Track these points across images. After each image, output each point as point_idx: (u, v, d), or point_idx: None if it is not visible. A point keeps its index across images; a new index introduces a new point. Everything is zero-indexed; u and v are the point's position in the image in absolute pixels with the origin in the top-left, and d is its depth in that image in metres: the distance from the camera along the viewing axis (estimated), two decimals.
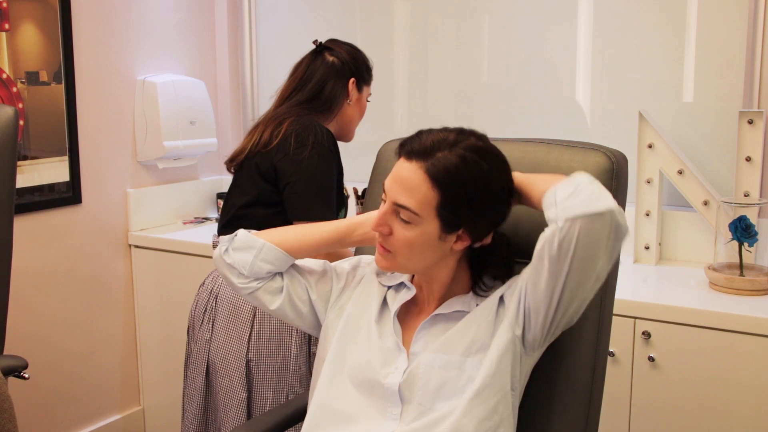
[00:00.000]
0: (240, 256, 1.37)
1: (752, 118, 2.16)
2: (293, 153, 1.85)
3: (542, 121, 2.59)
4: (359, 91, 2.03)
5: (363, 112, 2.08)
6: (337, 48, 2.02)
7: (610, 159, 1.37)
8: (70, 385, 2.67)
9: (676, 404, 1.89)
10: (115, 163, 2.75)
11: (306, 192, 1.86)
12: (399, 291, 1.37)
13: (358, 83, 2.02)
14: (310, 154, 1.85)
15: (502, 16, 2.67)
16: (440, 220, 1.21)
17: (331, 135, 1.92)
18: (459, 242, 1.25)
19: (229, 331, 1.91)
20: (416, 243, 1.22)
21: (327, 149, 1.88)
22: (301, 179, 1.85)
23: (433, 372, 1.24)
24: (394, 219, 1.23)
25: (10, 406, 1.47)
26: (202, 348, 1.95)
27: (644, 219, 2.29)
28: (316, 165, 1.85)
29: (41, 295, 2.55)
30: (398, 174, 1.23)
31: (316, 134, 1.87)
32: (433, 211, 1.20)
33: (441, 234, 1.22)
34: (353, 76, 2.00)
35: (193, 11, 3.01)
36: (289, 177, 1.86)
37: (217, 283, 1.95)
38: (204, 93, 2.93)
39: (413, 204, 1.20)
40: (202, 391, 1.95)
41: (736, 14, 2.24)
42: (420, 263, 1.27)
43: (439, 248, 1.25)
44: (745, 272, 2.03)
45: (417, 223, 1.21)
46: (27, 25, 2.43)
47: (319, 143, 1.86)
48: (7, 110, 1.81)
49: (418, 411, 1.23)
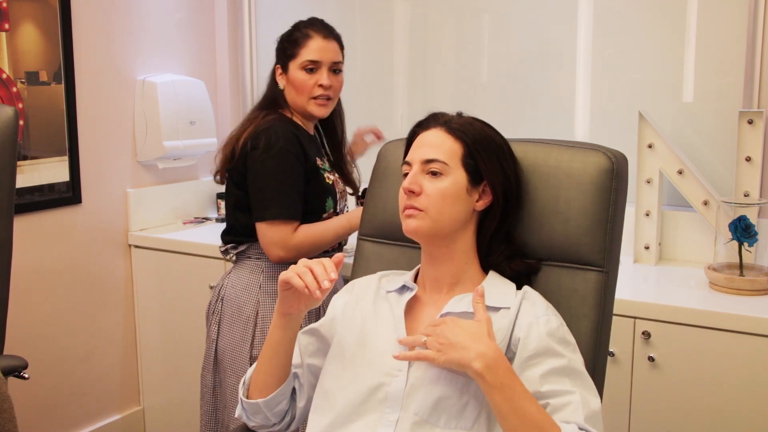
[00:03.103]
0: (258, 419, 1.41)
1: (752, 118, 2.16)
2: (249, 157, 1.90)
3: (542, 121, 2.59)
4: (286, 72, 1.98)
5: (301, 87, 1.96)
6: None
7: (610, 159, 1.37)
8: (70, 385, 2.67)
9: (676, 404, 1.89)
10: (115, 163, 2.75)
11: (259, 193, 1.90)
12: (402, 293, 1.38)
13: (282, 66, 1.99)
14: (261, 156, 1.88)
15: (502, 16, 2.67)
16: (466, 171, 1.31)
17: (287, 131, 1.91)
18: (482, 200, 1.33)
19: (233, 330, 1.95)
20: (448, 193, 1.29)
21: (280, 147, 1.87)
22: (255, 181, 1.90)
23: (437, 387, 1.24)
24: (423, 177, 1.31)
25: (10, 406, 1.47)
26: (209, 348, 2.01)
27: (644, 219, 2.29)
28: (267, 165, 1.88)
29: (41, 295, 2.55)
30: (422, 140, 1.34)
31: (268, 135, 1.88)
32: (460, 161, 1.31)
33: (468, 186, 1.31)
34: (277, 64, 2.01)
35: (193, 11, 3.01)
36: (249, 181, 1.91)
37: (223, 284, 2.01)
38: (204, 93, 2.93)
39: (442, 155, 1.30)
40: (212, 390, 2.01)
41: (736, 14, 2.24)
42: (450, 217, 1.31)
43: (467, 203, 1.32)
44: (745, 272, 2.03)
45: (447, 173, 1.30)
46: (27, 25, 2.43)
47: (270, 144, 1.87)
48: (7, 110, 1.81)
49: (413, 420, 1.23)
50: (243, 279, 1.98)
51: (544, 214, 1.39)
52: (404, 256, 1.54)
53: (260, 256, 1.97)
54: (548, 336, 1.23)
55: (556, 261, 1.39)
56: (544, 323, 1.25)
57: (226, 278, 2.02)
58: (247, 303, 1.95)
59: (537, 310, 1.27)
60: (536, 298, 1.31)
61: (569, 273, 1.38)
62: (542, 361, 1.21)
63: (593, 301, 1.36)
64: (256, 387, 1.39)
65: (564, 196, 1.38)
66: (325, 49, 1.96)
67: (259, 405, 1.37)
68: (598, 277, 1.36)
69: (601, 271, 1.36)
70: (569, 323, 1.34)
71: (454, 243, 1.33)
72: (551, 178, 1.39)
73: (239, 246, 2.00)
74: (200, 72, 3.03)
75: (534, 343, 1.22)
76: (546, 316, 1.26)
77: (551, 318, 1.26)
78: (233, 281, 1.99)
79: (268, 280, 1.96)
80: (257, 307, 1.94)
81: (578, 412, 1.17)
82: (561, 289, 1.38)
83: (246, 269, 1.98)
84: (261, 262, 1.97)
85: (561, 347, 1.23)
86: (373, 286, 1.42)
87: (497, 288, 1.33)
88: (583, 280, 1.37)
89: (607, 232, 1.36)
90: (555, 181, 1.39)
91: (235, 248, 2.01)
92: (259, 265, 1.97)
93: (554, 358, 1.21)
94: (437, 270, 1.35)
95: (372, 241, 1.61)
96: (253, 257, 1.98)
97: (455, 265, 1.34)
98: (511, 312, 1.28)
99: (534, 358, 1.22)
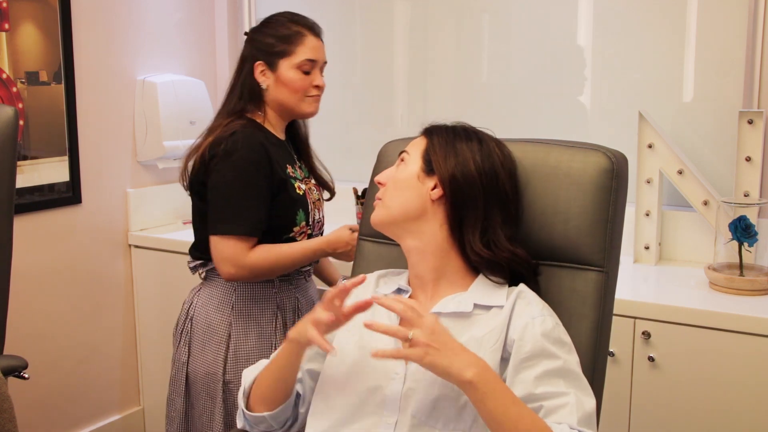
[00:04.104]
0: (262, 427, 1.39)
1: (752, 118, 2.16)
2: (209, 166, 1.77)
3: (542, 121, 2.59)
4: (273, 70, 1.83)
5: (296, 87, 1.83)
6: (250, 33, 1.89)
7: (610, 159, 1.37)
8: (70, 385, 2.67)
9: (676, 404, 1.89)
10: (115, 163, 2.75)
11: (214, 205, 1.77)
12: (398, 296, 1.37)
13: (269, 63, 1.83)
14: (218, 165, 1.75)
15: (502, 16, 2.67)
16: (423, 161, 1.35)
17: (254, 140, 1.77)
18: (435, 190, 1.33)
19: (206, 352, 1.85)
20: (399, 178, 1.36)
21: (240, 156, 1.74)
22: (211, 192, 1.77)
23: (433, 388, 1.23)
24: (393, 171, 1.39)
25: (10, 406, 1.47)
26: (180, 370, 1.89)
27: (644, 219, 2.29)
28: (225, 175, 1.75)
29: (41, 295, 2.55)
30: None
31: (227, 145, 1.74)
32: (420, 153, 1.36)
33: (421, 173, 1.34)
34: (258, 60, 1.83)
35: (193, 11, 3.01)
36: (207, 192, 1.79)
37: (193, 303, 1.90)
38: (204, 93, 2.93)
39: (410, 146, 1.39)
40: (183, 414, 1.90)
41: (736, 14, 2.24)
42: (400, 204, 1.34)
43: (418, 190, 1.34)
44: (745, 272, 2.03)
45: (407, 162, 1.37)
46: (27, 25, 2.43)
47: (228, 151, 1.74)
48: (7, 110, 1.81)
49: (412, 423, 1.23)
50: (214, 299, 1.86)
51: (544, 214, 1.39)
52: (403, 256, 1.54)
53: None
54: (543, 337, 1.23)
55: (556, 261, 1.39)
56: (539, 324, 1.24)
57: (195, 296, 1.90)
58: (220, 324, 1.83)
59: (532, 311, 1.26)
60: (532, 298, 1.30)
61: (569, 273, 1.38)
62: (537, 362, 1.21)
63: (593, 302, 1.35)
64: (260, 400, 1.37)
65: (564, 196, 1.38)
66: (319, 48, 1.85)
67: (265, 417, 1.36)
68: (598, 277, 1.36)
69: (601, 271, 1.36)
70: (569, 323, 1.34)
71: (420, 234, 1.33)
72: (551, 178, 1.39)
73: (209, 263, 1.86)
74: (200, 72, 3.03)
75: (529, 345, 1.22)
76: (541, 317, 1.25)
77: (546, 318, 1.26)
78: (203, 300, 1.87)
79: (241, 299, 1.84)
80: (229, 329, 1.83)
81: (572, 414, 1.16)
82: (561, 289, 1.38)
83: (217, 288, 1.86)
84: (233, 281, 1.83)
85: (556, 348, 1.23)
86: (371, 288, 1.42)
87: (487, 287, 1.32)
88: (583, 280, 1.37)
89: (607, 232, 1.36)
90: (555, 181, 1.39)
91: (205, 265, 1.88)
92: (232, 284, 1.84)
93: (549, 360, 1.21)
94: (416, 268, 1.35)
95: (372, 241, 1.61)
96: None
97: (432, 260, 1.33)
98: (505, 311, 1.27)
99: (529, 360, 1.21)
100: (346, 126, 2.98)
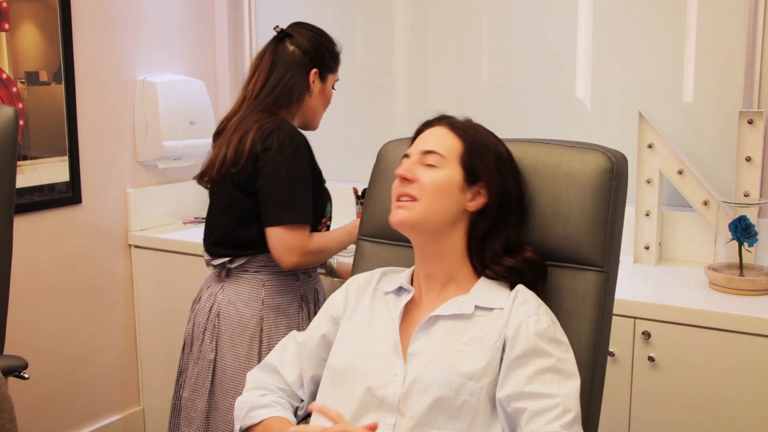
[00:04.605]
0: None
1: (752, 118, 2.16)
2: (261, 160, 1.79)
3: (542, 121, 2.59)
4: (323, 81, 1.95)
5: (328, 101, 2.00)
6: (299, 35, 1.93)
7: (610, 159, 1.37)
8: (70, 385, 2.67)
9: (676, 404, 1.89)
10: (115, 163, 2.75)
11: (275, 197, 1.80)
12: (400, 295, 1.37)
13: (321, 73, 1.93)
14: (275, 158, 1.78)
15: (502, 16, 2.67)
16: (463, 169, 1.31)
17: (298, 133, 1.84)
18: (474, 201, 1.32)
19: (237, 349, 1.87)
20: (441, 184, 1.30)
21: (293, 149, 1.80)
22: (269, 185, 1.80)
23: (432, 388, 1.24)
24: (420, 167, 1.31)
25: (10, 406, 1.47)
26: (205, 368, 1.90)
27: (644, 219, 2.29)
28: (282, 167, 1.79)
29: (41, 295, 2.55)
30: (424, 135, 1.36)
31: (279, 137, 1.79)
32: (458, 158, 1.31)
33: (463, 184, 1.31)
34: (315, 67, 1.92)
35: (193, 11, 3.01)
36: (260, 184, 1.81)
37: (218, 300, 1.91)
38: (204, 93, 2.93)
39: (441, 148, 1.32)
40: (205, 414, 1.90)
41: (736, 14, 2.24)
42: (438, 211, 1.30)
43: (458, 201, 1.31)
44: (745, 272, 2.03)
45: (443, 165, 1.30)
46: (27, 25, 2.43)
47: (282, 145, 1.79)
48: (7, 110, 1.81)
49: (411, 424, 1.23)
50: (242, 294, 1.89)
51: (543, 214, 1.39)
52: (403, 256, 1.54)
53: (259, 269, 1.89)
54: (537, 336, 1.23)
55: (556, 261, 1.39)
56: (533, 323, 1.24)
57: (220, 293, 1.91)
58: (251, 320, 1.86)
59: (528, 310, 1.27)
60: (528, 297, 1.30)
61: (569, 273, 1.38)
62: (529, 361, 1.22)
63: (593, 301, 1.36)
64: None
65: (564, 196, 1.38)
66: None
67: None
68: (597, 278, 1.36)
69: (601, 271, 1.36)
70: (569, 323, 1.34)
71: (444, 240, 1.33)
72: (551, 178, 1.39)
73: (236, 259, 1.89)
74: (200, 72, 3.03)
75: (522, 344, 1.23)
76: (536, 316, 1.26)
77: (541, 318, 1.26)
78: (230, 297, 1.89)
79: (270, 294, 1.89)
80: (261, 323, 1.87)
81: (554, 422, 1.17)
82: (561, 289, 1.38)
83: (244, 284, 1.89)
84: (261, 275, 1.89)
85: (551, 347, 1.23)
86: (372, 286, 1.42)
87: (489, 289, 1.33)
88: (583, 280, 1.37)
89: (607, 232, 1.36)
90: (555, 181, 1.39)
91: (231, 262, 1.90)
92: (258, 279, 1.89)
93: (542, 358, 1.22)
94: (429, 267, 1.35)
95: (371, 241, 1.61)
96: (251, 270, 1.89)
97: (446, 264, 1.34)
98: (505, 312, 1.28)
99: (521, 358, 1.22)
100: (346, 126, 2.98)
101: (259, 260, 1.89)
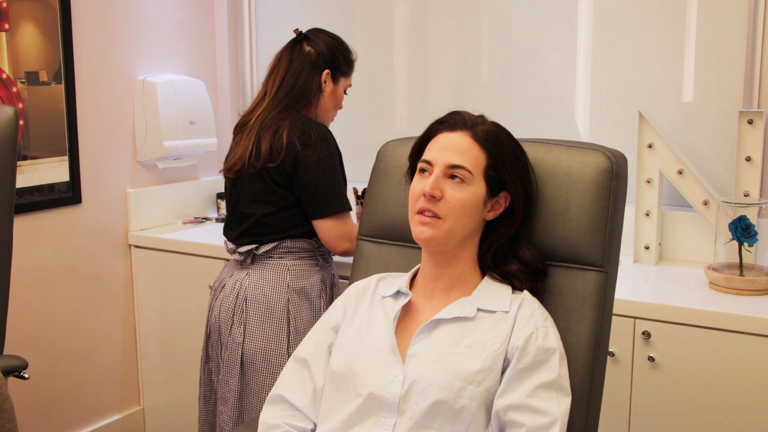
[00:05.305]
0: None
1: (752, 118, 2.16)
2: (302, 156, 1.91)
3: (542, 121, 2.59)
4: (335, 82, 2.05)
5: (339, 104, 2.10)
6: (316, 38, 2.04)
7: (610, 159, 1.37)
8: (70, 385, 2.67)
9: (676, 404, 1.89)
10: (115, 163, 2.75)
11: (321, 190, 1.94)
12: (397, 299, 1.38)
13: (334, 75, 2.04)
14: (317, 154, 1.91)
15: (502, 16, 2.67)
16: (486, 182, 1.31)
17: (327, 128, 1.99)
18: (493, 211, 1.33)
19: (266, 331, 1.96)
20: (467, 203, 1.29)
21: (330, 143, 1.95)
22: (315, 179, 1.93)
23: (432, 390, 1.24)
24: (445, 183, 1.29)
25: (10, 406, 1.47)
26: (234, 351, 1.98)
27: (644, 219, 2.29)
28: (324, 162, 1.92)
29: (41, 295, 2.55)
30: (446, 142, 1.31)
31: (317, 132, 1.93)
32: (482, 172, 1.30)
33: (486, 197, 1.31)
34: (328, 68, 2.02)
35: (193, 11, 3.01)
36: (303, 179, 1.92)
37: (244, 285, 1.99)
38: (204, 93, 2.93)
39: (468, 163, 1.29)
40: (237, 393, 1.99)
41: (736, 14, 2.24)
42: (464, 228, 1.31)
43: (480, 215, 1.32)
44: (745, 272, 2.03)
45: (470, 182, 1.29)
46: (27, 25, 2.43)
47: (321, 140, 1.92)
48: (7, 110, 1.81)
49: (410, 425, 1.24)
50: (269, 279, 1.98)
51: (543, 214, 1.39)
52: (403, 256, 1.54)
53: (283, 255, 1.99)
54: (545, 350, 1.25)
55: (556, 261, 1.39)
56: (542, 336, 1.26)
57: (246, 279, 1.99)
58: (278, 303, 1.96)
59: (536, 321, 1.28)
60: (536, 308, 1.31)
61: (569, 273, 1.38)
62: (534, 374, 1.24)
63: (593, 301, 1.36)
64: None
65: (563, 195, 1.38)
66: None
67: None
68: (597, 277, 1.36)
69: (601, 271, 1.36)
70: (569, 323, 1.34)
71: (458, 250, 1.34)
72: (551, 178, 1.39)
73: (262, 246, 1.99)
74: (200, 72, 3.03)
75: (530, 356, 1.25)
76: (544, 329, 1.28)
77: (549, 331, 1.28)
78: (256, 282, 1.98)
79: (295, 278, 1.98)
80: (288, 305, 1.96)
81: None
82: (561, 289, 1.38)
83: (269, 269, 1.99)
84: (285, 260, 1.99)
85: (556, 362, 1.25)
86: (370, 291, 1.42)
87: (492, 291, 1.33)
88: (582, 280, 1.37)
89: (607, 232, 1.36)
90: (554, 181, 1.39)
91: (258, 249, 2.00)
92: (284, 264, 1.99)
93: (546, 373, 1.24)
94: (438, 271, 1.35)
95: (371, 241, 1.61)
96: (276, 257, 1.99)
97: (458, 270, 1.35)
98: (509, 317, 1.28)
99: (527, 371, 1.24)
100: (346, 126, 2.97)
101: (284, 246, 1.99)
